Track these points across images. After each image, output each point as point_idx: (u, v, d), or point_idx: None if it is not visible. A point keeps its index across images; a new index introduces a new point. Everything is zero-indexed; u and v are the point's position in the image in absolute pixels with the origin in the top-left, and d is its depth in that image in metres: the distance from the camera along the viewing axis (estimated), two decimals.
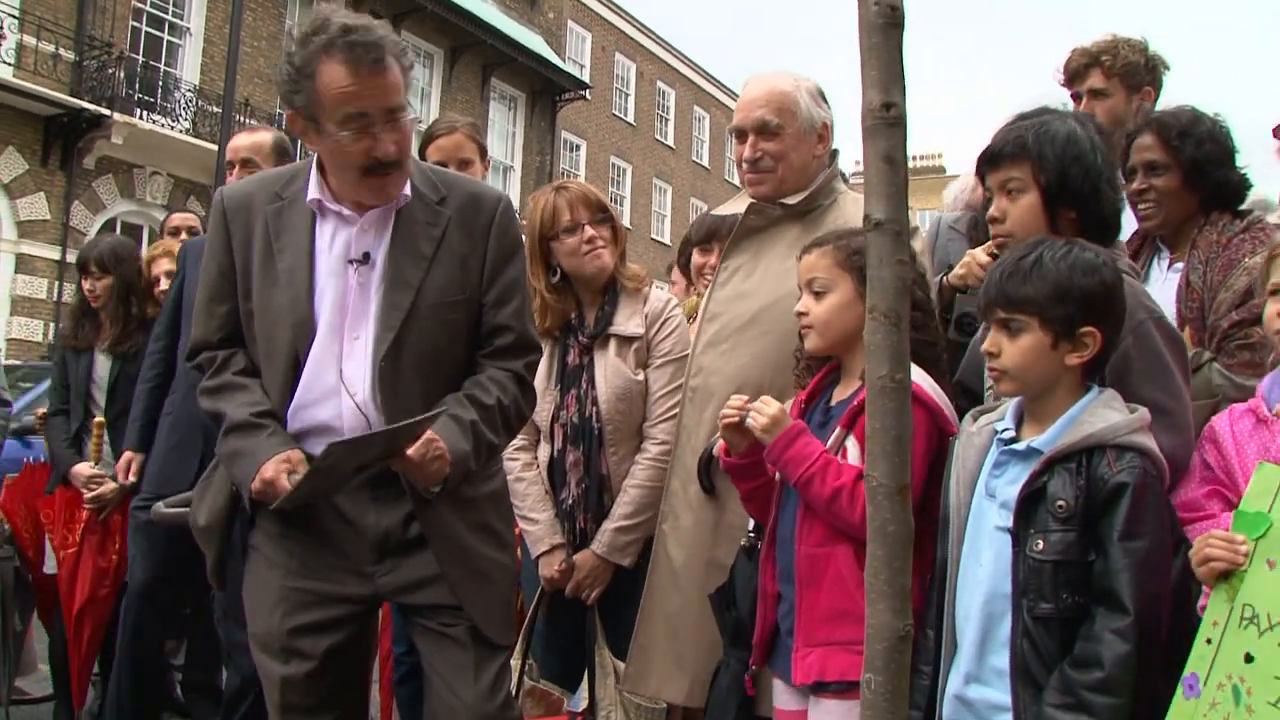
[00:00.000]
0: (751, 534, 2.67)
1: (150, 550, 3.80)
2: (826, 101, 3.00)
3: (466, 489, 2.41)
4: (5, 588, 4.21)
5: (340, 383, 2.35)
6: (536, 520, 3.13)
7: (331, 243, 2.39)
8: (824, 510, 2.26)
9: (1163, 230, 2.82)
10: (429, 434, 2.24)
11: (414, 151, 2.48)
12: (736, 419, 2.41)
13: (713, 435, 2.77)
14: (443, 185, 2.48)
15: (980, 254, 2.81)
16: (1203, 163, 2.77)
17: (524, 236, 2.80)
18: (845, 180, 3.18)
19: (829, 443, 2.35)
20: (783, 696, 2.46)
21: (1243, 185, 2.83)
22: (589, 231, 3.16)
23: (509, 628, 2.53)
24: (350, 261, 2.37)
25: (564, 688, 3.16)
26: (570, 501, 3.13)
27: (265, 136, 4.13)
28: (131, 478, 3.79)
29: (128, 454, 3.86)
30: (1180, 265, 2.79)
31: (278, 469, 2.25)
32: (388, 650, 3.68)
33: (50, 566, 4.31)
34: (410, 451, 2.22)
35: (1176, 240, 2.84)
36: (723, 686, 2.63)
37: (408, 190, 2.39)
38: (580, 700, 3.15)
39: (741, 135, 2.96)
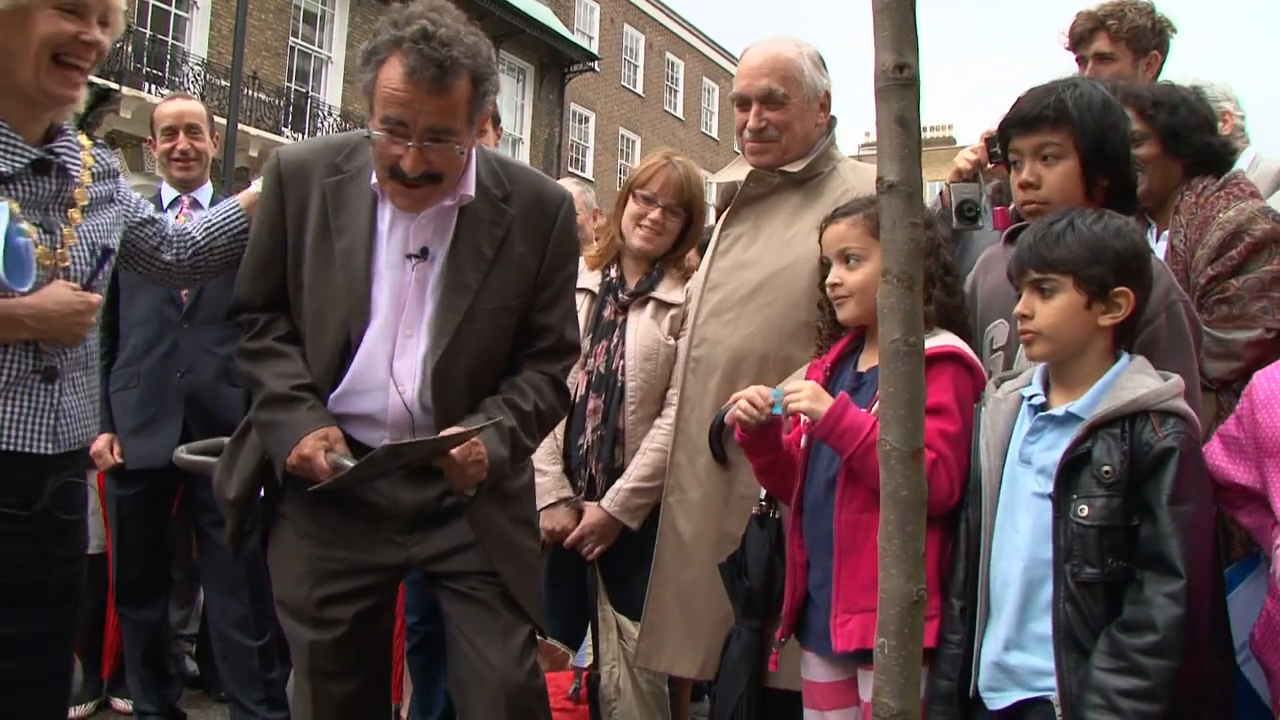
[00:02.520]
0: (764, 503, 2.65)
1: (133, 520, 3.80)
2: (826, 68, 2.97)
3: (505, 482, 2.43)
4: None
5: (390, 378, 2.34)
6: (545, 473, 3.14)
7: (390, 231, 2.35)
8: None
9: (1149, 200, 2.83)
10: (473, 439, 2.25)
11: None
12: (753, 421, 2.37)
13: (718, 405, 2.75)
14: (508, 180, 2.43)
15: (968, 152, 2.91)
16: (1178, 128, 2.76)
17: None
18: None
19: (874, 408, 2.32)
20: (815, 669, 2.44)
21: (1225, 150, 2.84)
22: (654, 213, 3.20)
23: (543, 613, 2.55)
24: (408, 256, 2.34)
25: (567, 644, 3.18)
26: (585, 448, 3.15)
27: (200, 105, 4.07)
28: (117, 459, 3.73)
29: (106, 436, 3.72)
30: (1168, 234, 2.81)
31: (315, 446, 2.25)
32: (400, 620, 3.70)
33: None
34: (454, 451, 2.24)
35: (1162, 210, 2.86)
36: (734, 656, 2.62)
37: (471, 189, 2.35)
38: (585, 656, 3.17)
39: (744, 103, 2.91)
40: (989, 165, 2.99)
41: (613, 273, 3.28)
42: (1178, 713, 1.89)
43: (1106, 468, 1.94)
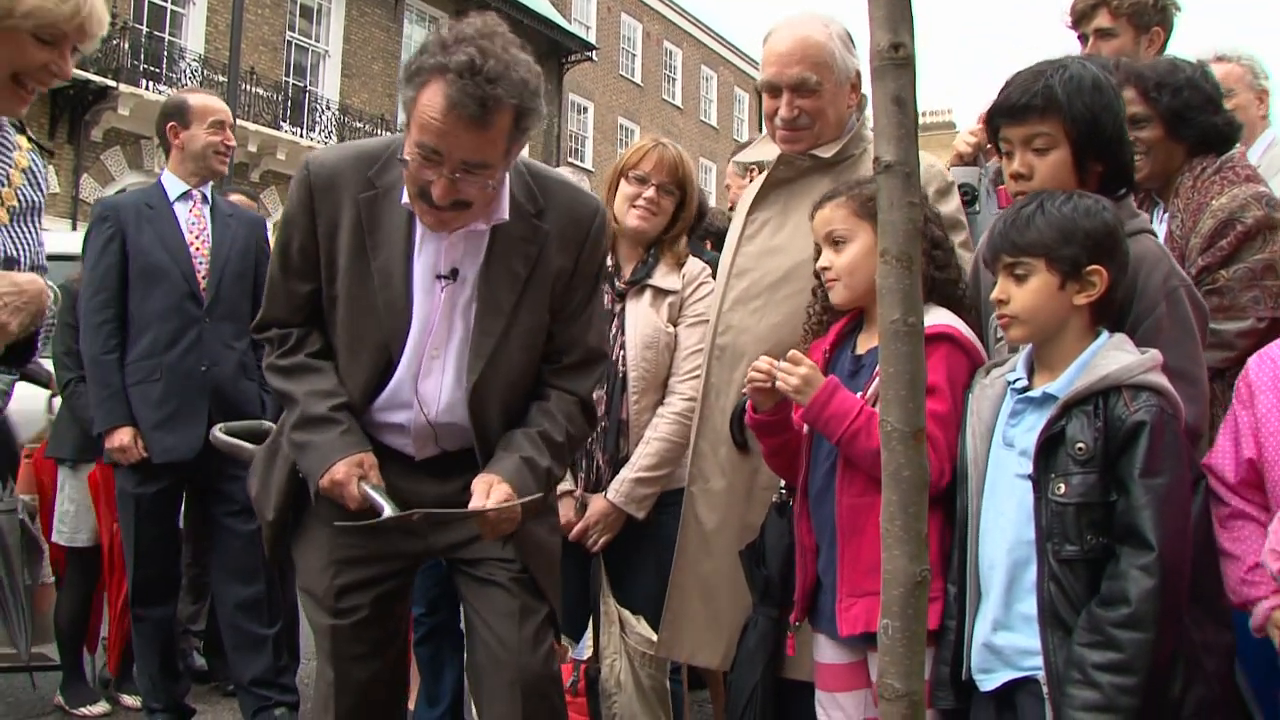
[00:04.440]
0: (783, 491, 2.65)
1: (151, 518, 3.80)
2: (855, 46, 2.87)
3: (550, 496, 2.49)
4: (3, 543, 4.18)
5: (415, 398, 2.35)
6: None
7: (421, 250, 2.32)
8: (872, 464, 2.18)
9: (1151, 182, 2.82)
10: (506, 492, 2.23)
11: None
12: (767, 384, 2.35)
13: (743, 393, 2.72)
14: (541, 194, 2.38)
15: (967, 134, 2.89)
16: (1182, 110, 2.74)
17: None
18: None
19: (869, 391, 2.32)
20: (826, 651, 2.45)
21: (1230, 128, 2.81)
22: (649, 192, 3.19)
23: (560, 604, 2.57)
24: (437, 277, 2.32)
25: (568, 637, 3.18)
26: (590, 441, 3.12)
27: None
28: (142, 453, 3.71)
29: (128, 430, 3.71)
30: (1167, 217, 2.79)
31: (349, 472, 2.26)
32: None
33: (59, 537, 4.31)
34: (489, 512, 2.23)
35: (1167, 191, 2.84)
36: (750, 644, 2.62)
37: (505, 213, 2.31)
38: (585, 649, 3.17)
39: (774, 90, 2.81)
40: (989, 146, 2.98)
41: (608, 260, 3.25)
42: (1164, 684, 1.91)
43: (1080, 445, 1.95)
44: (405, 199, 2.27)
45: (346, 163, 2.34)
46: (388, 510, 2.21)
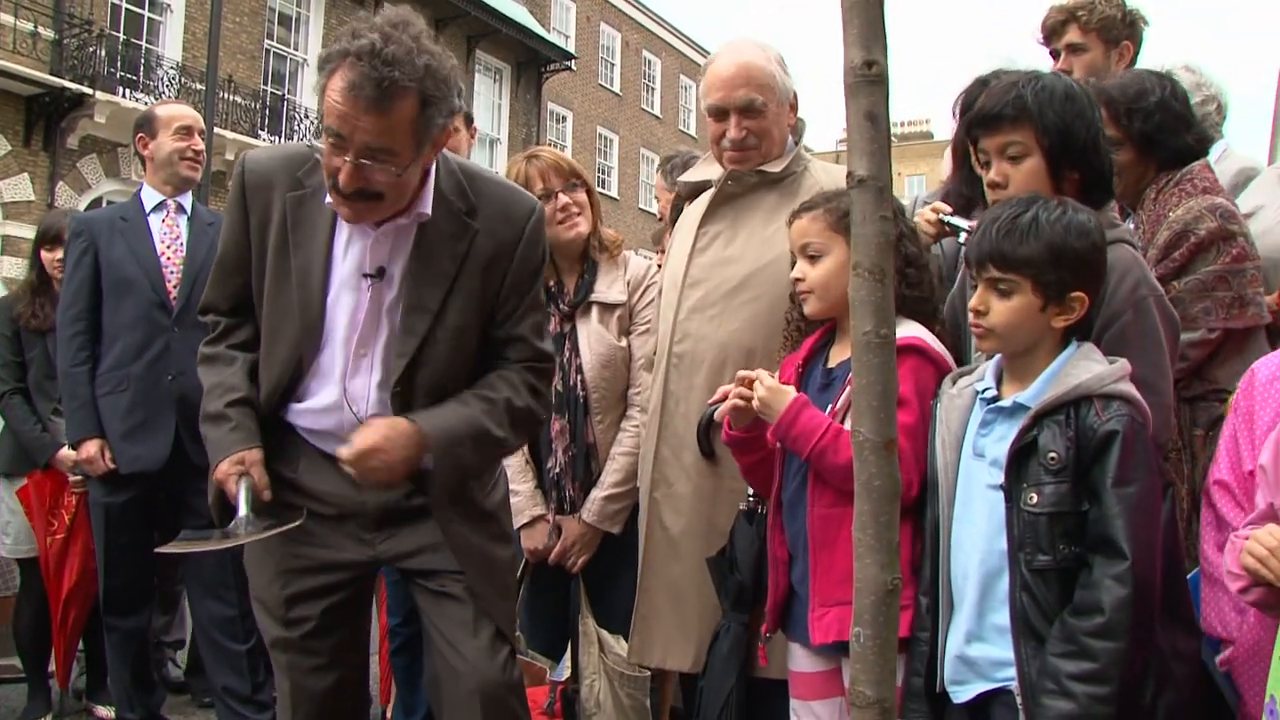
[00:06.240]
0: (751, 497, 2.66)
1: (119, 527, 3.79)
2: (789, 69, 2.99)
3: (482, 500, 2.46)
4: None
5: (343, 400, 2.35)
6: (517, 492, 3.11)
7: (347, 249, 2.33)
8: (841, 479, 2.22)
9: (1124, 199, 2.84)
10: (371, 444, 2.21)
11: None
12: (746, 400, 2.36)
13: (705, 401, 2.75)
14: (473, 193, 2.37)
15: (922, 224, 2.84)
16: (1154, 134, 2.78)
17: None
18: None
19: (838, 404, 2.34)
20: (800, 660, 2.47)
21: (1201, 145, 2.85)
22: (562, 199, 3.18)
23: (513, 621, 2.57)
24: (364, 275, 2.32)
25: (548, 658, 3.18)
26: (558, 470, 3.13)
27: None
28: (109, 464, 3.71)
29: (97, 441, 3.71)
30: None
31: (229, 471, 2.29)
32: (384, 622, 3.71)
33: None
34: (352, 473, 2.24)
35: (1137, 205, 2.87)
36: (723, 650, 2.63)
37: (427, 208, 2.30)
38: (564, 670, 3.17)
39: (720, 114, 2.91)
40: (949, 230, 3.02)
41: (550, 282, 3.22)
42: (1136, 692, 1.92)
43: (1053, 454, 1.96)
44: (329, 199, 2.29)
45: (278, 162, 2.39)
46: (241, 512, 2.25)
